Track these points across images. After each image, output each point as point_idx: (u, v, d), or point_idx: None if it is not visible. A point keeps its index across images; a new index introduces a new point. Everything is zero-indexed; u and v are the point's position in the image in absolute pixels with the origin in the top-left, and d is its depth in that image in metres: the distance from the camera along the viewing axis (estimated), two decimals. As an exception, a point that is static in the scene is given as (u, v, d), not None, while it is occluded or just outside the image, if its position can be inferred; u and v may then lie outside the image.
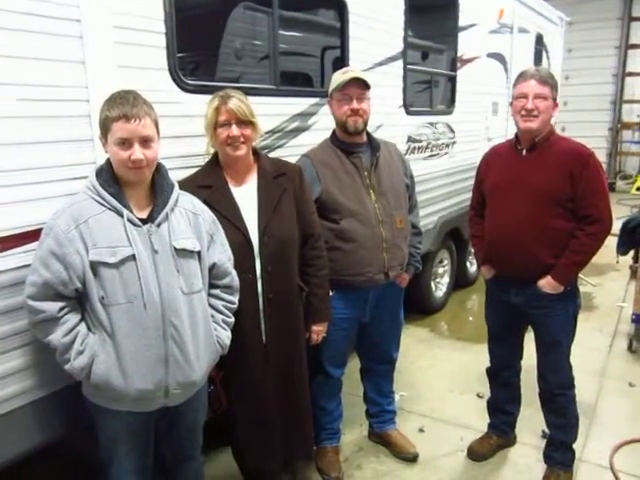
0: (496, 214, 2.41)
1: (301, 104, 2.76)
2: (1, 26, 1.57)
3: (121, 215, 1.59)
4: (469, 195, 2.71)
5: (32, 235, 1.68)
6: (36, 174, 1.70)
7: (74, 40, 1.75)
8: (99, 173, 1.63)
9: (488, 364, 2.73)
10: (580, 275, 2.62)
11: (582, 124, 10.05)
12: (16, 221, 1.67)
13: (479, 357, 2.88)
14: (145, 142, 1.58)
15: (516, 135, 2.40)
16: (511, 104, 2.36)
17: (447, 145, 4.33)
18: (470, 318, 4.66)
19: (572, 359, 2.46)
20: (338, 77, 2.29)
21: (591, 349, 3.85)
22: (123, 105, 1.55)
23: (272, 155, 2.48)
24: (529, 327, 2.53)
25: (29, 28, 1.63)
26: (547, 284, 2.30)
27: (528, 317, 2.45)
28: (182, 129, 2.11)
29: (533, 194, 2.26)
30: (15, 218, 1.67)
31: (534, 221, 2.26)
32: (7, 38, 1.59)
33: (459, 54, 4.37)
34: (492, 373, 2.74)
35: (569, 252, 2.26)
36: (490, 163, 2.52)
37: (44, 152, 1.71)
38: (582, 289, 4.65)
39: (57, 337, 1.57)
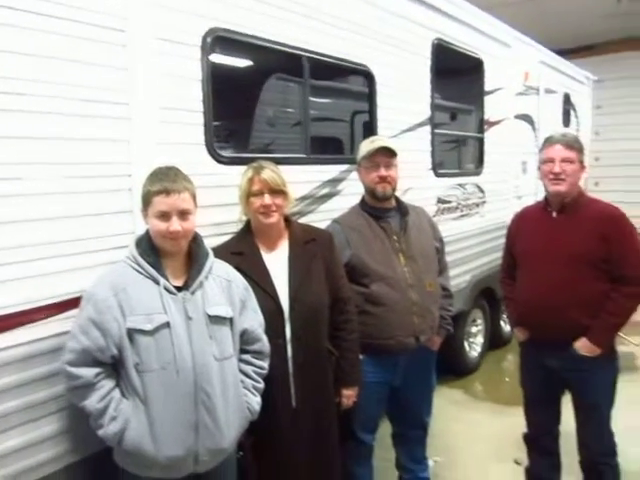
0: (529, 277, 2.40)
1: (331, 171, 2.85)
2: (59, 112, 1.72)
3: (157, 283, 1.65)
4: (501, 254, 2.71)
5: (73, 303, 1.75)
6: (80, 245, 1.79)
7: (123, 121, 1.90)
8: (138, 243, 1.72)
9: (525, 429, 2.64)
10: (621, 334, 2.54)
11: (616, 179, 9.89)
12: (59, 290, 1.75)
13: (516, 421, 2.78)
14: (183, 214, 1.67)
15: (545, 198, 2.42)
16: (539, 168, 2.41)
17: (477, 205, 4.36)
18: (506, 379, 4.53)
19: (616, 425, 2.36)
20: (366, 146, 2.38)
21: (637, 414, 3.66)
22: (164, 180, 1.65)
23: (303, 220, 2.55)
24: (567, 390, 2.46)
25: (84, 113, 1.78)
26: (584, 346, 2.25)
27: (565, 381, 2.39)
28: (217, 199, 2.20)
29: (566, 257, 2.26)
30: (58, 287, 1.75)
31: (568, 284, 2.24)
32: (64, 122, 1.74)
33: (486, 117, 4.45)
34: (530, 439, 2.64)
35: (605, 314, 2.22)
36: (520, 226, 2.53)
37: (88, 224, 1.81)
38: (624, 349, 4.51)
39: (92, 402, 1.60)
